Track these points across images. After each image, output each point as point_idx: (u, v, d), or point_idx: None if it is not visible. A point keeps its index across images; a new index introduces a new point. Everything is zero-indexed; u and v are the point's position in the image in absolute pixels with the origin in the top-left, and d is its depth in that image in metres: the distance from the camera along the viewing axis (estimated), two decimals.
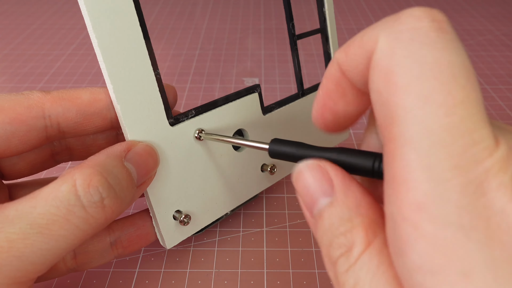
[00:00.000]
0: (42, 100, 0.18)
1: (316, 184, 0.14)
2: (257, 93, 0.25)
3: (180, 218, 0.22)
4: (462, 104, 0.10)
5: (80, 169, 0.16)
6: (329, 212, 0.13)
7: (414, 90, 0.11)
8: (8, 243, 0.15)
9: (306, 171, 0.14)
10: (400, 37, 0.11)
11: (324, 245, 0.13)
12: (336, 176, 0.14)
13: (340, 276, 0.13)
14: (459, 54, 0.11)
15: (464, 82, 0.11)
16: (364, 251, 0.12)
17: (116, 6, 0.18)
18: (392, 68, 0.11)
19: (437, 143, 0.10)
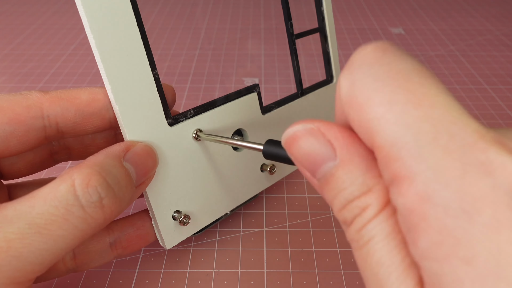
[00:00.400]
0: (41, 100, 0.18)
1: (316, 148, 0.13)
2: (256, 92, 0.25)
3: (179, 219, 0.22)
4: (425, 96, 0.11)
5: (78, 169, 0.16)
6: (339, 176, 0.13)
7: (377, 100, 0.11)
8: (6, 243, 0.15)
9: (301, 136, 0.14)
10: (353, 70, 0.12)
11: (336, 207, 0.13)
12: (335, 137, 0.13)
13: (354, 234, 0.13)
14: (408, 61, 0.12)
15: (420, 80, 0.11)
16: (379, 212, 0.12)
17: (113, 7, 0.18)
18: (353, 94, 0.12)
19: (420, 134, 0.11)
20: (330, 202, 0.14)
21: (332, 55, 0.29)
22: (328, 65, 0.30)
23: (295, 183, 0.30)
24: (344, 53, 0.50)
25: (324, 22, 0.29)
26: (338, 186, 0.13)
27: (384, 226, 0.12)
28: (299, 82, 0.28)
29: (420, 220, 0.11)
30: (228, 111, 0.23)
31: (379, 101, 0.11)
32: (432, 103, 0.11)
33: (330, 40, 0.29)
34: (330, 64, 0.30)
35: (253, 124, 0.25)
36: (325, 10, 0.28)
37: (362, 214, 0.12)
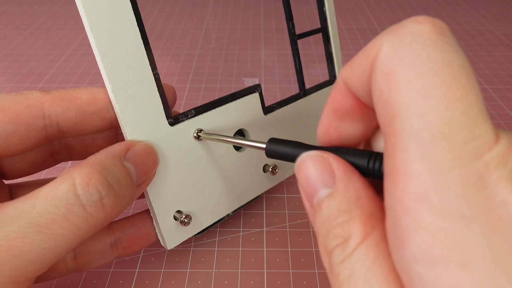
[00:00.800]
0: (42, 99, 0.18)
1: (318, 174, 0.14)
2: (257, 93, 0.25)
3: (180, 219, 0.22)
4: (462, 99, 0.11)
5: (79, 168, 0.16)
6: (329, 203, 0.13)
7: (415, 86, 0.11)
8: (7, 242, 0.15)
9: (309, 161, 0.14)
10: (402, 39, 0.12)
11: (321, 235, 0.13)
12: (338, 168, 0.14)
13: (335, 266, 0.12)
14: (459, 55, 0.11)
15: (464, 80, 0.11)
16: (361, 243, 0.12)
17: (113, 6, 0.18)
18: (394, 67, 0.12)
19: (438, 135, 0.10)
20: (317, 231, 0.14)
21: (335, 56, 0.29)
22: (331, 65, 0.29)
23: (295, 183, 0.30)
24: (344, 53, 0.50)
25: (326, 22, 0.28)
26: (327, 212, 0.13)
27: (367, 259, 0.12)
28: (302, 82, 0.27)
29: (413, 220, 0.10)
30: (229, 111, 0.23)
31: (418, 87, 0.11)
32: (465, 109, 0.11)
33: (333, 40, 0.29)
34: (333, 64, 0.29)
35: (254, 124, 0.25)
36: (327, 10, 0.28)
37: (343, 245, 0.12)
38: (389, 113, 0.12)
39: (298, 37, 0.27)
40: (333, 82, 0.30)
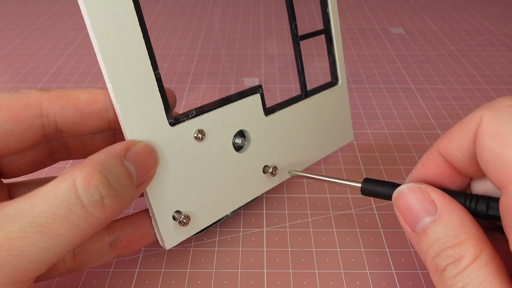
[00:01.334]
0: (40, 98, 0.19)
1: (419, 204, 0.17)
2: (259, 94, 0.24)
3: (179, 219, 0.22)
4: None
5: (79, 167, 0.16)
6: (435, 228, 0.16)
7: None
8: (7, 241, 0.15)
9: (409, 193, 0.17)
10: (502, 110, 0.15)
11: (430, 255, 0.16)
12: (438, 198, 0.16)
13: (448, 280, 0.15)
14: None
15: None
16: (473, 262, 0.15)
17: (115, 6, 0.18)
18: (502, 130, 0.15)
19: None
20: (424, 252, 0.16)
21: (337, 57, 0.29)
22: (334, 67, 0.29)
23: (295, 183, 0.30)
24: (344, 53, 0.51)
25: (329, 24, 0.28)
26: (435, 236, 0.16)
27: (478, 275, 0.14)
28: (304, 83, 0.27)
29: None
30: (230, 112, 0.23)
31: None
32: None
33: (336, 42, 0.29)
34: (335, 66, 0.29)
35: (255, 125, 0.25)
36: (330, 12, 0.28)
37: (457, 262, 0.15)
38: (505, 166, 0.14)
39: (300, 38, 0.27)
40: (335, 83, 0.29)
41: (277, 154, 0.26)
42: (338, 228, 0.26)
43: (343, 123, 0.31)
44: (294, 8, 0.26)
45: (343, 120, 0.31)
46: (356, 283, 0.23)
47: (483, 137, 0.15)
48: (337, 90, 0.29)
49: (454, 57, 0.49)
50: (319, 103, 0.28)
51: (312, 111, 0.28)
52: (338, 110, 0.30)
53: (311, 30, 0.28)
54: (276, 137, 0.26)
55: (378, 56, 0.50)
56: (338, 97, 0.30)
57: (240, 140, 0.24)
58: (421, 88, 0.43)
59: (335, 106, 0.30)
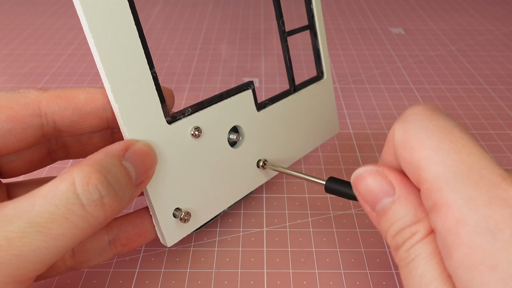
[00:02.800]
0: (39, 98, 0.19)
1: (378, 185, 0.17)
2: (250, 89, 0.25)
3: (180, 216, 0.22)
4: (464, 147, 0.15)
5: (78, 167, 0.16)
6: (394, 209, 0.17)
7: (427, 145, 0.15)
8: (7, 241, 0.15)
9: (367, 176, 0.18)
10: (406, 120, 0.16)
11: (390, 234, 0.17)
12: (395, 179, 0.17)
13: (403, 253, 0.16)
14: (449, 120, 0.16)
15: (459, 134, 0.15)
16: (424, 237, 0.16)
17: (111, 6, 0.18)
18: (407, 138, 0.16)
19: (458, 174, 0.14)
20: (385, 231, 0.17)
21: (322, 52, 0.30)
22: (319, 61, 0.30)
23: (295, 183, 0.30)
24: (344, 53, 0.51)
25: (313, 19, 0.29)
26: (394, 216, 0.17)
27: (428, 247, 0.15)
28: (292, 78, 0.28)
29: (455, 237, 0.14)
30: (224, 109, 0.24)
31: (429, 145, 0.15)
32: (469, 152, 0.14)
33: (320, 37, 0.30)
34: (320, 60, 0.30)
35: (249, 120, 0.25)
36: (314, 8, 0.29)
37: (411, 237, 0.16)
38: (415, 169, 0.15)
39: (288, 34, 0.27)
40: (321, 77, 0.31)
41: (270, 148, 0.27)
42: (338, 228, 0.26)
43: (329, 115, 0.32)
44: (283, 7, 0.27)
45: (330, 113, 0.32)
46: (356, 283, 0.23)
47: (396, 149, 0.16)
48: (323, 84, 0.31)
49: (454, 57, 0.49)
50: (306, 97, 0.29)
51: (300, 105, 0.29)
52: (325, 103, 0.31)
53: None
54: (269, 132, 0.27)
55: (378, 56, 0.50)
56: (324, 90, 0.31)
57: (234, 135, 0.24)
58: (421, 88, 0.43)
59: (322, 99, 0.31)
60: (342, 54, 0.50)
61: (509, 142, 0.34)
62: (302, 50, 0.50)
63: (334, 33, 0.56)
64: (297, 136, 0.29)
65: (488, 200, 0.13)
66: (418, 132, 0.16)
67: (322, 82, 0.30)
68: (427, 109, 0.16)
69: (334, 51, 0.51)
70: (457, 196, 0.14)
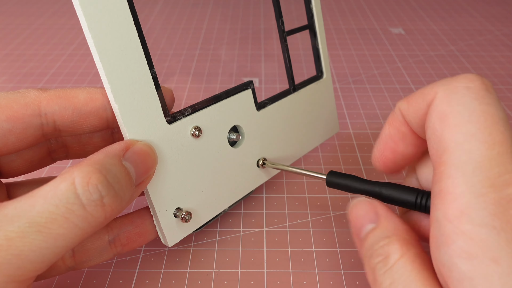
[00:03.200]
0: (39, 98, 0.19)
1: (365, 214, 0.18)
2: (250, 89, 0.25)
3: (181, 216, 0.22)
4: (500, 143, 0.14)
5: (79, 167, 0.16)
6: (373, 233, 0.17)
7: (464, 129, 0.15)
8: (7, 241, 0.15)
9: (359, 205, 0.19)
10: (456, 91, 0.15)
11: (367, 257, 0.17)
12: (381, 209, 0.18)
13: (379, 277, 0.16)
14: (500, 109, 0.15)
15: (502, 129, 0.15)
16: (399, 259, 0.16)
17: (110, 6, 0.18)
18: (448, 112, 0.15)
19: (478, 168, 0.14)
20: (363, 255, 0.17)
21: (321, 51, 0.30)
22: (318, 61, 0.30)
23: (295, 183, 0.30)
24: (344, 53, 0.51)
25: (313, 19, 0.29)
26: (372, 240, 0.17)
27: (404, 271, 0.15)
28: (291, 78, 0.28)
29: (456, 227, 0.14)
30: (224, 108, 0.24)
31: (466, 130, 0.15)
32: (501, 151, 0.14)
33: (320, 36, 0.30)
34: (320, 60, 0.30)
35: (248, 120, 0.25)
36: (314, 8, 0.29)
37: (384, 260, 0.16)
38: (441, 147, 0.15)
39: (287, 33, 0.27)
40: (320, 77, 0.31)
41: (270, 147, 0.27)
42: (338, 228, 0.26)
43: (329, 115, 0.32)
44: (283, 7, 0.27)
45: (329, 112, 0.32)
46: (356, 283, 0.23)
47: (431, 115, 0.16)
48: (322, 83, 0.31)
49: (454, 57, 0.49)
50: (306, 96, 0.29)
51: (300, 105, 0.29)
52: (324, 102, 0.31)
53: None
54: (269, 131, 0.27)
55: (378, 56, 0.50)
56: (323, 90, 0.31)
57: (234, 135, 0.24)
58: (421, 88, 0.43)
59: (321, 98, 0.31)
60: (342, 54, 0.50)
61: None
62: (302, 50, 0.50)
63: (334, 33, 0.56)
64: (297, 135, 0.29)
65: (498, 200, 0.13)
66: (462, 111, 0.15)
67: (322, 82, 0.30)
68: (482, 88, 0.15)
69: (334, 51, 0.51)
70: (469, 189, 0.14)
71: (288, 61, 0.28)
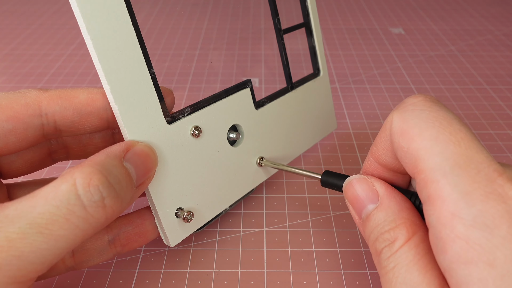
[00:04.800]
0: (39, 98, 0.19)
1: (364, 193, 0.18)
2: (248, 88, 0.25)
3: (183, 216, 0.22)
4: (462, 139, 0.15)
5: (80, 168, 0.16)
6: (376, 215, 0.17)
7: (427, 135, 0.15)
8: (7, 242, 0.15)
9: (355, 184, 0.18)
10: (406, 109, 0.16)
11: (371, 240, 0.17)
12: (380, 187, 0.18)
13: (383, 261, 0.16)
14: (449, 112, 0.16)
15: (458, 126, 0.15)
16: (404, 244, 0.16)
17: (108, 7, 0.18)
18: (405, 127, 0.16)
19: (455, 166, 0.14)
20: (367, 237, 0.17)
21: (318, 49, 0.30)
22: (315, 58, 0.30)
23: (295, 183, 0.30)
24: (344, 53, 0.51)
25: (309, 17, 0.30)
26: (375, 222, 0.17)
27: (408, 255, 0.15)
28: (289, 76, 0.28)
29: (451, 231, 0.14)
30: (223, 107, 0.24)
31: (428, 136, 0.15)
32: (468, 145, 0.14)
33: (316, 34, 0.30)
34: (316, 57, 0.31)
35: (247, 119, 0.25)
36: (309, 6, 0.29)
37: (390, 245, 0.16)
38: (413, 159, 0.15)
39: (284, 32, 0.27)
40: (317, 74, 0.31)
41: (269, 145, 0.27)
42: (338, 228, 0.26)
43: (327, 112, 0.32)
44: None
45: (327, 110, 0.32)
46: (356, 283, 0.23)
47: (394, 137, 0.16)
48: (319, 81, 0.31)
49: (454, 57, 0.49)
50: (304, 94, 0.29)
51: (298, 102, 0.29)
52: (322, 100, 0.31)
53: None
54: (267, 129, 0.27)
55: (378, 56, 0.50)
56: (321, 87, 0.31)
57: (234, 134, 0.24)
58: (421, 88, 0.43)
59: (319, 96, 0.31)
60: (342, 54, 0.50)
61: (509, 142, 0.35)
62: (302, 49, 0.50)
63: (334, 33, 0.56)
64: (296, 133, 0.29)
65: (485, 195, 0.13)
66: (418, 122, 0.15)
67: (319, 79, 0.31)
68: (427, 99, 0.16)
69: (334, 51, 0.51)
70: (454, 190, 0.14)
71: (285, 59, 0.28)
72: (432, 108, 0.16)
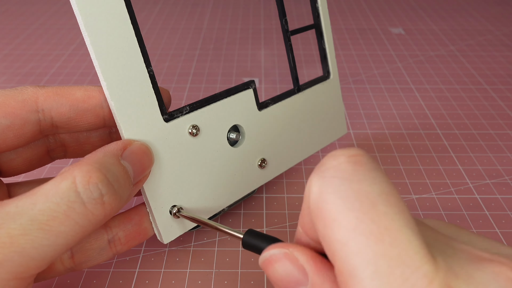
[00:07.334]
0: (36, 94, 0.19)
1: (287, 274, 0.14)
2: (251, 89, 0.25)
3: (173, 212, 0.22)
4: (387, 230, 0.11)
5: (79, 166, 0.17)
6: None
7: (342, 223, 0.12)
8: (9, 238, 0.15)
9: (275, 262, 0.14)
10: (324, 175, 0.13)
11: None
12: (307, 263, 0.14)
13: None
14: (376, 182, 0.12)
15: (383, 208, 0.12)
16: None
17: (107, 5, 0.18)
18: (321, 206, 0.13)
19: (376, 273, 0.11)
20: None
21: (328, 51, 0.29)
22: (325, 61, 0.30)
23: (295, 183, 0.30)
24: (344, 53, 0.51)
25: (319, 18, 0.29)
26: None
27: None
28: (296, 78, 0.28)
29: None
30: (224, 107, 0.24)
31: (345, 225, 0.12)
32: (393, 239, 0.11)
33: (326, 36, 0.29)
34: (326, 60, 0.30)
35: (249, 120, 0.25)
36: (320, 7, 0.28)
37: None
38: (330, 251, 0.12)
39: (291, 33, 0.27)
40: (327, 77, 0.30)
41: (272, 148, 0.27)
42: None
43: (336, 116, 0.31)
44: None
45: (336, 114, 0.31)
46: None
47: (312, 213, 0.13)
48: (329, 84, 0.30)
49: (454, 57, 0.49)
50: (311, 97, 0.29)
51: (305, 105, 0.28)
52: (331, 103, 0.30)
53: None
54: (271, 132, 0.26)
55: (378, 56, 0.50)
56: (330, 91, 0.30)
57: (234, 135, 0.24)
58: (421, 88, 0.43)
59: (328, 99, 0.30)
60: (342, 54, 0.50)
61: (509, 142, 0.35)
62: (302, 50, 0.50)
63: (334, 33, 0.56)
64: (301, 136, 0.29)
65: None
66: (334, 199, 0.12)
67: (328, 82, 0.30)
68: (349, 162, 0.13)
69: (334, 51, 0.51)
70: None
71: (292, 61, 0.27)
72: (354, 177, 0.13)
